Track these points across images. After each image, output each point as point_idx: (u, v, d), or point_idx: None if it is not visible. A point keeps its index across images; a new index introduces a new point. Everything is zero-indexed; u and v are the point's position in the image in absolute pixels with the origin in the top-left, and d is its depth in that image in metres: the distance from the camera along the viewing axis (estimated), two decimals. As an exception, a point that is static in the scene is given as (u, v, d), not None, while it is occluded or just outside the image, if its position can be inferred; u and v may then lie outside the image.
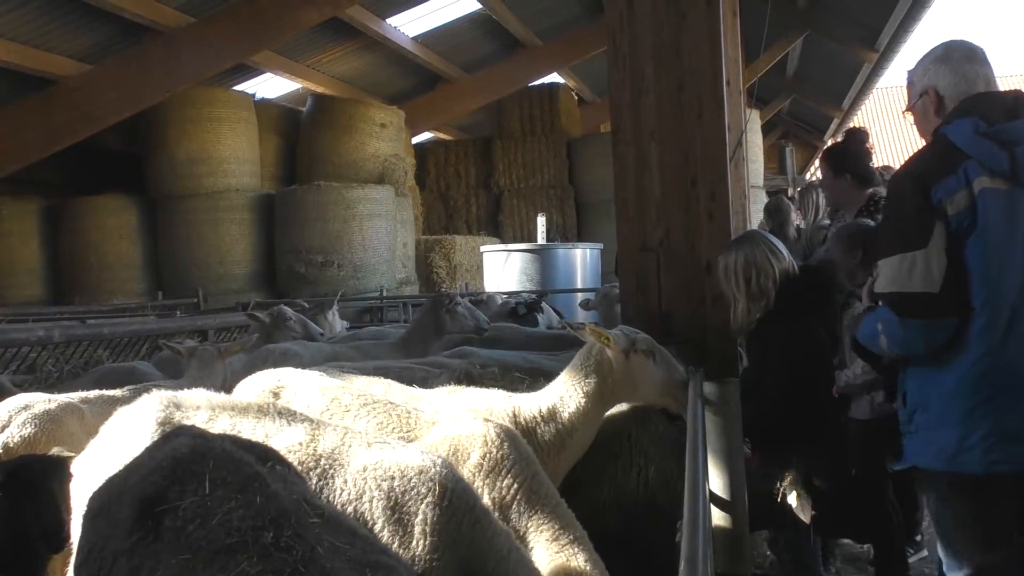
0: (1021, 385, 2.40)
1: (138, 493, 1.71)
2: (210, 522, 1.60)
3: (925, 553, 4.69)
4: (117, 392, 3.69)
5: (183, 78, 11.29)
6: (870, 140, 5.08)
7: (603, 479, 3.12)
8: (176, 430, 2.04)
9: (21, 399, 3.42)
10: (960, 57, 2.77)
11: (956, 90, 2.71)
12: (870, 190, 4.85)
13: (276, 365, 3.87)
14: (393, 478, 2.00)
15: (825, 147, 5.18)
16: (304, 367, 3.46)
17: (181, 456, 1.77)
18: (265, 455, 1.91)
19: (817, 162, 27.66)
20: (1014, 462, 2.39)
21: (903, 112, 3.04)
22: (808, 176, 27.08)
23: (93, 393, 3.68)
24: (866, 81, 16.82)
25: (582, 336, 3.07)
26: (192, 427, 2.15)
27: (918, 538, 5.58)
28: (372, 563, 1.61)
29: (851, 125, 24.70)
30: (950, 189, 2.46)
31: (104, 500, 1.83)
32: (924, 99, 2.77)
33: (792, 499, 2.50)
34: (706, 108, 4.11)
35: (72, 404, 3.46)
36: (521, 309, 6.69)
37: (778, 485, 2.58)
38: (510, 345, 5.26)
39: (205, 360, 4.36)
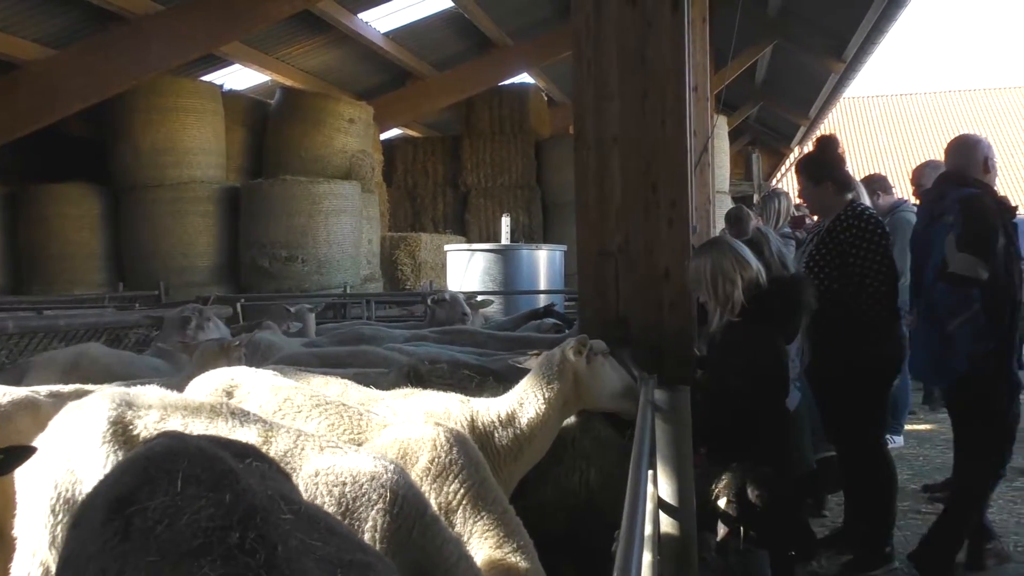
0: None
1: (110, 494, 1.69)
2: (179, 522, 1.57)
3: (896, 565, 4.77)
4: (89, 387, 3.59)
5: (150, 67, 11.14)
6: (842, 147, 5.15)
7: (546, 481, 3.15)
8: (160, 432, 2.02)
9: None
10: None
11: None
12: (849, 196, 4.91)
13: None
14: (344, 483, 2.00)
15: (800, 157, 5.21)
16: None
17: (154, 455, 1.75)
18: (243, 452, 1.89)
19: (784, 170, 27.94)
20: None
21: None
22: (774, 182, 27.37)
23: (65, 388, 3.55)
24: (833, 90, 17.01)
25: (529, 366, 3.11)
26: (174, 431, 2.12)
27: (825, 512, 5.70)
28: (346, 562, 1.59)
29: (818, 133, 24.99)
30: None
31: (83, 506, 1.81)
32: None
33: (722, 503, 2.55)
34: (669, 116, 4.13)
35: (29, 399, 3.32)
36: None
37: (713, 487, 2.62)
38: (469, 344, 5.29)
39: (207, 357, 4.34)
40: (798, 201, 7.17)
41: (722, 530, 2.55)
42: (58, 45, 11.33)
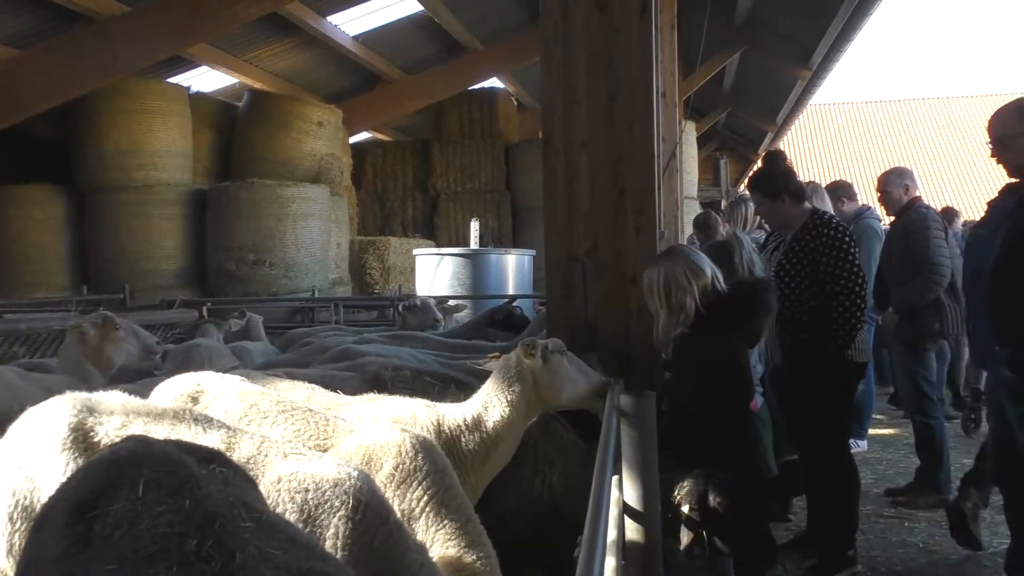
0: None
1: (72, 498, 1.66)
2: (138, 528, 1.55)
3: (859, 568, 4.82)
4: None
5: (116, 68, 11.04)
6: (789, 159, 5.19)
7: (508, 486, 3.15)
8: (125, 437, 1.99)
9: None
10: None
11: None
12: (809, 206, 4.96)
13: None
14: (307, 490, 1.98)
15: (750, 177, 5.25)
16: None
17: (118, 459, 1.72)
18: (209, 457, 1.86)
19: (745, 187, 28.15)
20: None
21: None
22: (742, 188, 27.59)
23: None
24: (800, 97, 17.20)
25: (489, 368, 3.12)
26: (140, 434, 2.10)
27: (790, 516, 5.75)
28: (305, 570, 1.57)
29: (784, 139, 25.26)
30: None
31: (44, 509, 1.78)
32: None
33: (684, 509, 2.57)
34: (637, 121, 4.15)
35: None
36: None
37: (675, 494, 2.64)
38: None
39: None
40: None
41: (685, 537, 2.57)
42: (22, 45, 11.19)
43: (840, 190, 7.25)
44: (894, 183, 6.31)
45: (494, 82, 18.02)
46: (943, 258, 5.93)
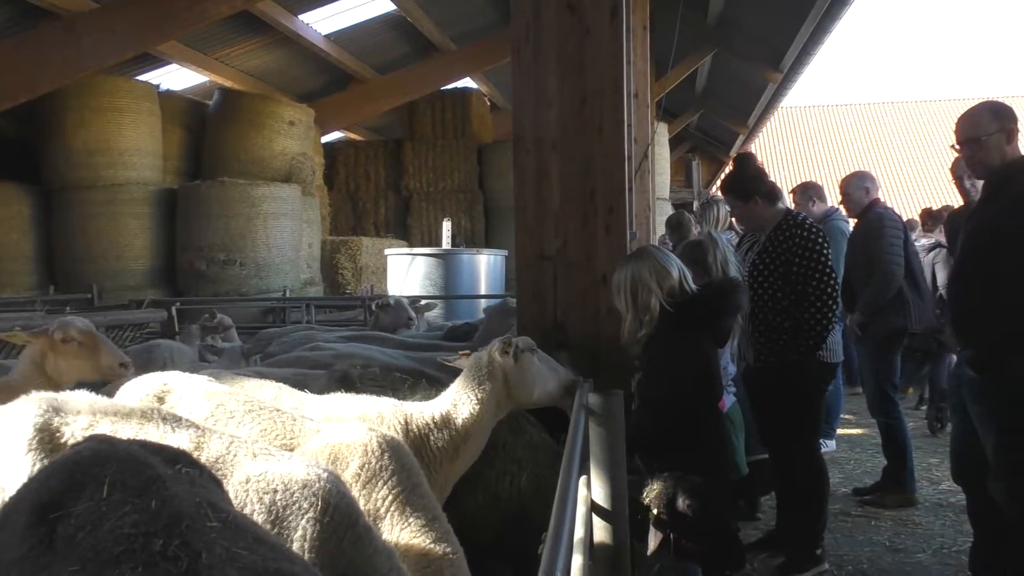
0: None
1: (35, 499, 1.63)
2: (101, 529, 1.53)
3: (826, 567, 4.87)
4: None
5: (83, 65, 10.90)
6: (759, 160, 5.24)
7: (477, 486, 3.16)
8: (89, 437, 1.97)
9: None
10: None
11: None
12: (782, 206, 5.00)
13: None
14: (276, 491, 1.97)
15: (722, 181, 5.30)
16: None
17: (81, 459, 1.69)
18: (175, 457, 1.84)
19: (717, 189, 28.34)
20: None
21: None
22: (714, 189, 27.74)
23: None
24: (771, 100, 17.31)
25: (459, 365, 3.13)
26: (104, 434, 2.07)
27: (758, 515, 5.80)
28: (271, 571, 1.56)
29: (755, 141, 25.44)
30: None
31: (6, 510, 1.76)
32: None
33: (654, 511, 2.58)
34: (607, 122, 4.17)
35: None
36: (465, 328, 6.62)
37: (644, 496, 2.65)
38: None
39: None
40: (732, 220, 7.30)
41: (653, 539, 2.57)
42: (-13, 42, 11.03)
43: (811, 191, 7.36)
44: (855, 186, 6.42)
45: (467, 82, 18.00)
46: (895, 256, 6.01)
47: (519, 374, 3.01)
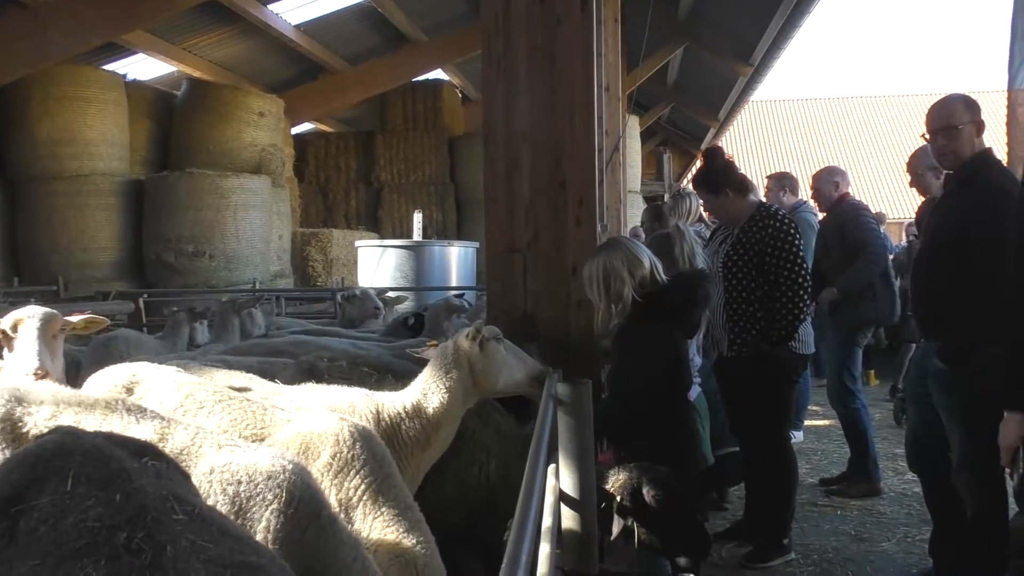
0: None
1: None
2: (64, 522, 1.51)
3: (792, 556, 4.92)
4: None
5: (48, 54, 10.73)
6: (729, 154, 5.27)
7: (446, 475, 3.17)
8: (53, 428, 1.94)
9: None
10: None
11: None
12: (754, 198, 5.04)
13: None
14: (240, 482, 1.96)
15: (694, 176, 5.35)
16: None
17: (46, 452, 1.67)
18: (141, 450, 1.82)
19: (694, 171, 28.48)
20: None
21: None
22: (685, 182, 27.87)
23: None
24: (741, 93, 17.40)
25: (426, 355, 3.13)
26: (70, 426, 2.05)
27: (726, 505, 5.85)
28: (237, 563, 1.55)
29: (726, 135, 25.58)
30: None
31: None
32: None
33: (618, 499, 2.59)
34: (578, 113, 4.17)
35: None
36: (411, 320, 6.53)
37: (610, 484, 2.66)
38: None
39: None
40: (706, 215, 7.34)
41: (616, 526, 2.58)
42: (-51, 30, 10.83)
43: (785, 181, 7.47)
44: (825, 180, 6.52)
45: (439, 74, 17.94)
46: (878, 239, 6.12)
47: (485, 363, 3.01)
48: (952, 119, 4.00)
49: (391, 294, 7.87)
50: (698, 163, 6.04)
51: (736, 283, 4.78)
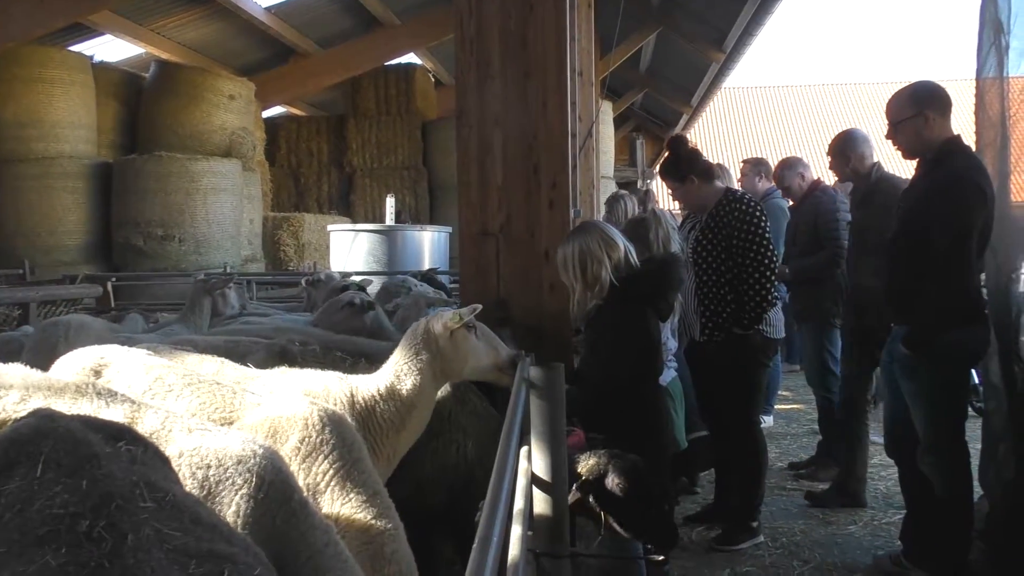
0: None
1: None
2: (30, 509, 1.49)
3: (761, 539, 4.97)
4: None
5: (11, 35, 10.56)
6: (692, 142, 5.31)
7: (425, 456, 3.17)
8: (31, 412, 1.92)
9: None
10: None
11: None
12: (720, 184, 5.09)
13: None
14: (209, 466, 1.94)
15: (660, 166, 5.41)
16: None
17: (18, 437, 1.64)
18: (118, 434, 1.79)
19: (657, 172, 28.56)
20: None
21: None
22: (657, 168, 27.92)
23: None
24: (714, 80, 17.45)
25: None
26: (46, 409, 2.02)
27: (697, 489, 5.90)
28: (204, 552, 1.53)
29: (698, 121, 25.66)
30: None
31: None
32: None
33: (582, 487, 2.58)
34: (551, 97, 4.17)
35: None
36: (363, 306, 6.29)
37: (579, 467, 2.65)
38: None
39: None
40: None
41: (571, 496, 2.54)
42: (-89, 8, 10.61)
43: (762, 167, 7.53)
44: (789, 176, 6.54)
45: (411, 58, 17.81)
46: (844, 240, 6.15)
47: (452, 348, 2.98)
48: (897, 114, 4.16)
49: (355, 278, 7.82)
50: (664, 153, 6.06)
51: (706, 267, 4.82)
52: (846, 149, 5.49)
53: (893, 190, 5.10)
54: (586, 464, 2.65)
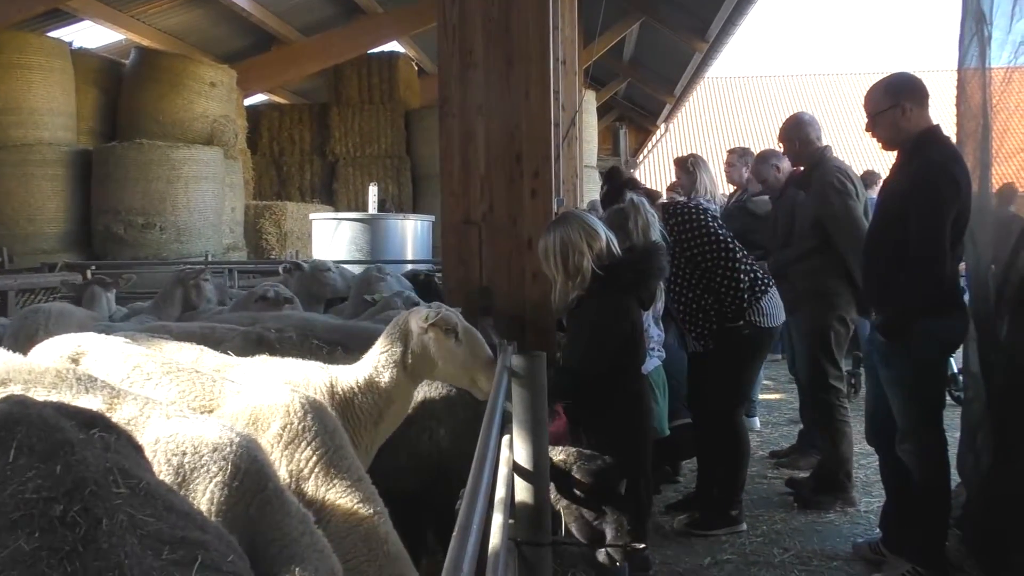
0: None
1: None
2: (3, 494, 1.48)
3: (744, 527, 5.00)
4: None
5: (-11, 20, 10.46)
6: (626, 172, 5.37)
7: (399, 445, 3.15)
8: (3, 398, 1.90)
9: None
10: None
11: None
12: (662, 200, 5.13)
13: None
14: (184, 453, 1.93)
15: (601, 200, 5.50)
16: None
17: None
18: (91, 421, 1.79)
19: (650, 146, 28.61)
20: None
21: None
22: (640, 158, 27.99)
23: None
24: (697, 70, 17.47)
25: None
26: (18, 395, 2.00)
27: (679, 478, 5.93)
28: (177, 538, 1.53)
29: (681, 111, 25.69)
30: None
31: None
32: None
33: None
34: (534, 86, 4.17)
35: None
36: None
37: (553, 456, 2.62)
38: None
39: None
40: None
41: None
42: None
43: (748, 157, 7.40)
44: (764, 170, 6.45)
45: (395, 46, 17.72)
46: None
47: (423, 346, 2.93)
48: (875, 106, 4.19)
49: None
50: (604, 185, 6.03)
51: (679, 283, 4.82)
52: (791, 133, 5.56)
53: (826, 175, 5.19)
54: (555, 454, 2.59)
